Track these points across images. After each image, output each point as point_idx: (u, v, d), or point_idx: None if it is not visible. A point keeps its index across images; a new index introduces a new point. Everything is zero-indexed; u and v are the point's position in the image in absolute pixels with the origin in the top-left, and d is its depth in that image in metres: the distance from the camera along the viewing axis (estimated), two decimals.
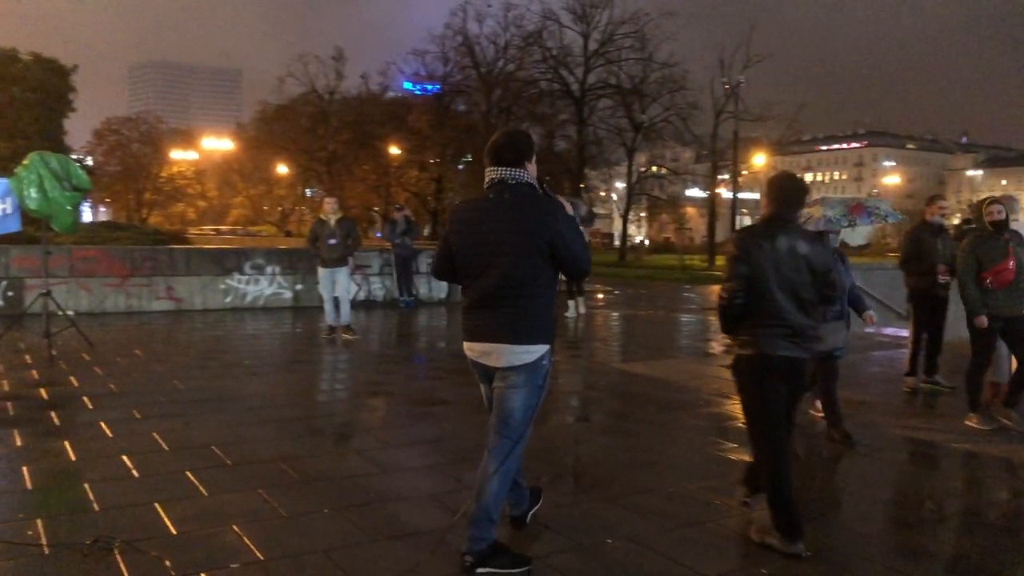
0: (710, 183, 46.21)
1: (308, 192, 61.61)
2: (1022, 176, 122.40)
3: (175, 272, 13.44)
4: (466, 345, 3.67)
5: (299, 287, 14.39)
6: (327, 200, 11.06)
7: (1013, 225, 7.18)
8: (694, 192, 65.56)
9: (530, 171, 3.54)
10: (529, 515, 4.01)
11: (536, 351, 3.47)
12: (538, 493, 4.10)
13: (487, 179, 3.56)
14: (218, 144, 73.00)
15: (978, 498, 4.96)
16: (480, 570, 3.44)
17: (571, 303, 13.88)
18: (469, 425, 6.26)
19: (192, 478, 4.64)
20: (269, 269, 14.18)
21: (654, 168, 46.53)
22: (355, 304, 13.09)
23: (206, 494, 4.41)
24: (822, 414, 6.26)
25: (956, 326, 8.53)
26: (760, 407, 3.90)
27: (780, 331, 3.79)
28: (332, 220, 10.52)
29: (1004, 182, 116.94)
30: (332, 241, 10.41)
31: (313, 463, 5.09)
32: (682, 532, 4.08)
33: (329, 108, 50.40)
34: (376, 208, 56.54)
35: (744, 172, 44.58)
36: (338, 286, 10.63)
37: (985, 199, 6.38)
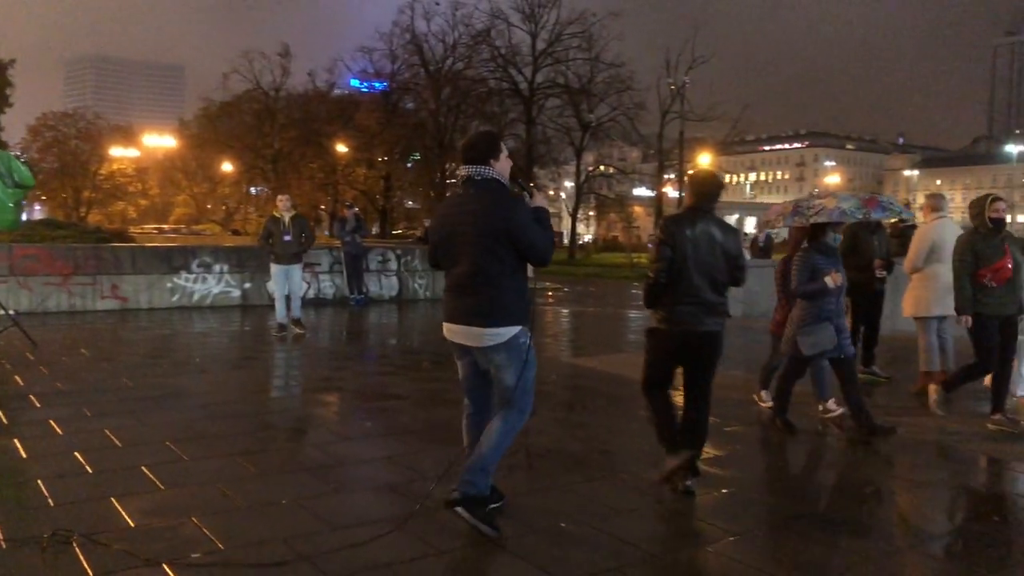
0: (657, 182, 46.86)
1: (253, 190, 60.72)
2: (955, 176, 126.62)
3: (120, 271, 13.20)
4: (445, 326, 4.00)
5: (247, 286, 14.25)
6: (280, 197, 11.06)
7: (938, 220, 7.55)
8: (641, 191, 66.39)
9: (497, 167, 3.87)
10: (488, 507, 4.10)
11: (508, 332, 3.78)
12: (501, 494, 4.20)
13: (459, 177, 3.93)
14: (160, 141, 71.45)
15: (907, 478, 5.20)
16: (459, 509, 3.76)
17: None
18: (423, 419, 6.35)
19: (148, 473, 4.64)
20: (217, 267, 14.02)
21: (602, 167, 46.99)
22: (305, 302, 13.03)
23: (163, 488, 4.42)
24: (768, 403, 6.49)
25: (893, 319, 8.91)
26: (657, 370, 4.66)
27: (695, 307, 4.40)
28: (286, 217, 10.58)
29: (939, 182, 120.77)
30: (287, 238, 10.49)
31: (270, 457, 5.13)
32: (635, 515, 4.23)
33: (275, 105, 49.75)
34: (323, 207, 56.06)
35: (690, 171, 45.32)
36: (291, 283, 10.66)
37: (987, 196, 6.32)
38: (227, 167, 56.26)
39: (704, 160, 47.33)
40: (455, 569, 3.56)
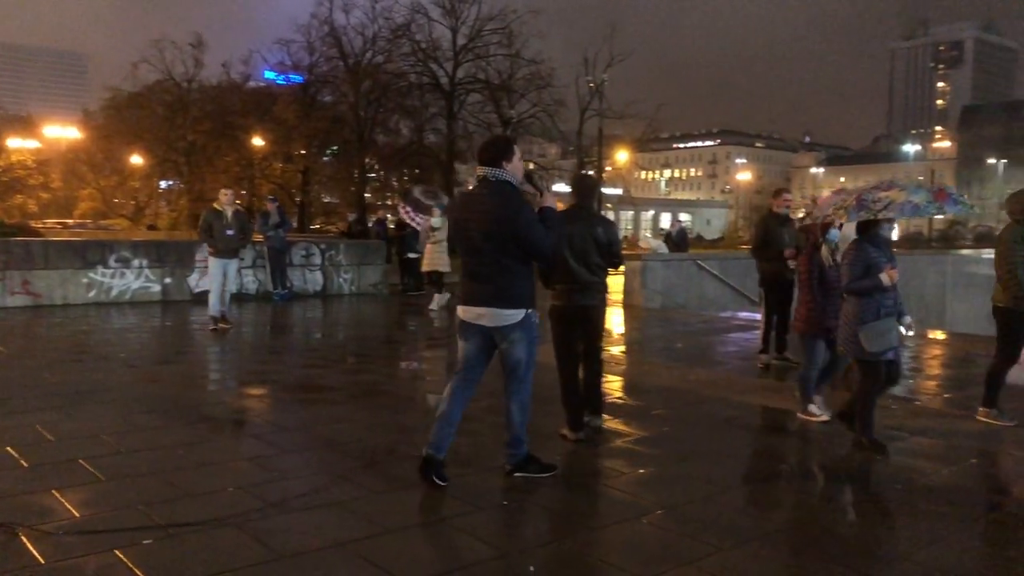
0: None
1: (164, 184, 58.72)
2: (858, 174, 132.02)
3: (32, 266, 12.72)
4: (461, 308, 4.48)
5: (168, 281, 13.94)
6: (224, 191, 11.17)
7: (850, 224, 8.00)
8: (561, 187, 66.90)
9: (509, 169, 4.38)
10: (437, 477, 4.35)
11: (521, 313, 4.35)
12: (445, 477, 4.41)
13: (476, 176, 4.47)
14: (63, 132, 68.26)
15: (820, 457, 5.58)
16: (517, 474, 4.54)
17: (436, 296, 13.75)
18: (359, 407, 6.47)
19: (87, 466, 4.62)
20: (136, 262, 13.65)
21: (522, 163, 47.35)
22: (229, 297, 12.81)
23: (104, 480, 4.42)
24: (819, 417, 6.10)
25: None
26: (559, 341, 5.54)
27: (574, 287, 5.38)
28: (228, 212, 10.70)
29: (842, 179, 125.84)
30: (230, 232, 10.59)
31: (210, 447, 5.17)
32: (569, 491, 4.47)
33: (188, 96, 48.30)
34: (238, 201, 54.53)
35: (608, 168, 46.11)
36: (228, 277, 10.72)
37: None
38: (137, 160, 54.25)
39: (622, 156, 48.22)
40: (408, 545, 3.70)
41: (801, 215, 13.43)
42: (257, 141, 43.55)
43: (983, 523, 4.20)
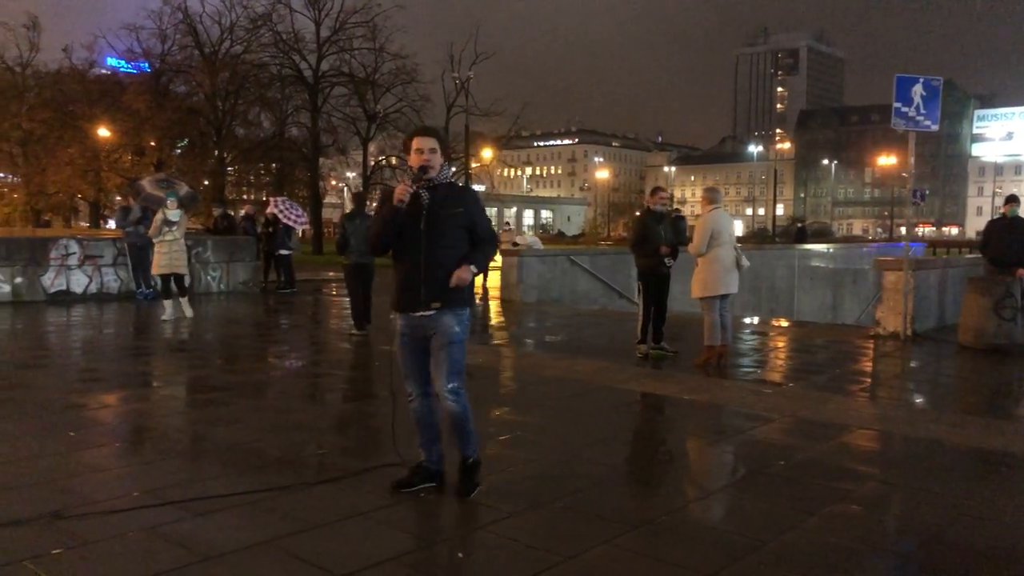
0: None
1: None
2: (706, 172, 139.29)
3: None
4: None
5: (19, 280, 12.98)
6: None
7: (714, 210, 8.50)
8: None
9: None
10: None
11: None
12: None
13: None
14: None
15: (700, 436, 5.96)
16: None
17: (168, 303, 11.81)
18: (251, 408, 6.34)
19: None
20: None
21: (384, 159, 46.92)
22: (87, 297, 12.05)
23: None
24: None
25: (671, 300, 9.89)
26: (350, 286, 10.32)
27: (358, 254, 9.89)
28: None
29: (692, 177, 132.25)
30: None
31: (101, 453, 4.95)
32: (400, 508, 4.59)
33: (22, 83, 44.85)
34: (80, 195, 51.29)
35: (475, 165, 46.40)
36: None
37: None
38: None
39: (487, 154, 48.68)
40: (333, 540, 3.68)
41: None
42: (104, 132, 40.99)
43: (857, 491, 4.63)
